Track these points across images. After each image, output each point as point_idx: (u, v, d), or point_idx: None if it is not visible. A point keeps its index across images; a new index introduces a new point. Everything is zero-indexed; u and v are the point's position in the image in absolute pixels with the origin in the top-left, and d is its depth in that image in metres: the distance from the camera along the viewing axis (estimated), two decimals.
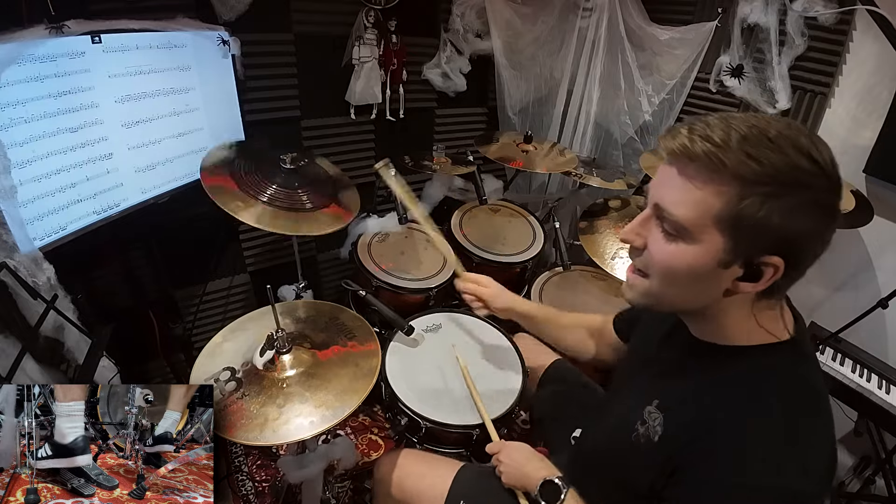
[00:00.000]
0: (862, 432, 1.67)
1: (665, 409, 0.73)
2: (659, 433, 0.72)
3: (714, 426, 0.65)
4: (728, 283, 0.64)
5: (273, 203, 1.43)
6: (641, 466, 0.74)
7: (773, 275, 0.61)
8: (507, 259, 1.95)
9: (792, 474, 0.60)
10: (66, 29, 1.18)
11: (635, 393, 0.81)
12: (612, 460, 0.85)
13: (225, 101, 1.67)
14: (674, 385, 0.76)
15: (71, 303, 1.17)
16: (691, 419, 0.69)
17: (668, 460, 0.69)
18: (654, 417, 0.74)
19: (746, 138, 0.58)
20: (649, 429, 0.74)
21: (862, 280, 1.81)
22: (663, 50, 2.16)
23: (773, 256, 0.60)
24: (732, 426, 0.64)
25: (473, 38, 2.20)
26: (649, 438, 0.73)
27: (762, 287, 0.63)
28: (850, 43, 1.72)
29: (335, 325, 1.19)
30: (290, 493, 1.59)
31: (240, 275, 2.12)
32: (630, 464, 0.77)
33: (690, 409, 0.70)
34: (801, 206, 0.58)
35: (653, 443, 0.73)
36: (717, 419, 0.66)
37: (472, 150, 2.16)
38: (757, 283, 0.63)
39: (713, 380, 0.70)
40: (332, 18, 1.89)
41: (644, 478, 0.73)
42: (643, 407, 0.76)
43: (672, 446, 0.70)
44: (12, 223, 1.10)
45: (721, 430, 0.65)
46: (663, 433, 0.72)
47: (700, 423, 0.67)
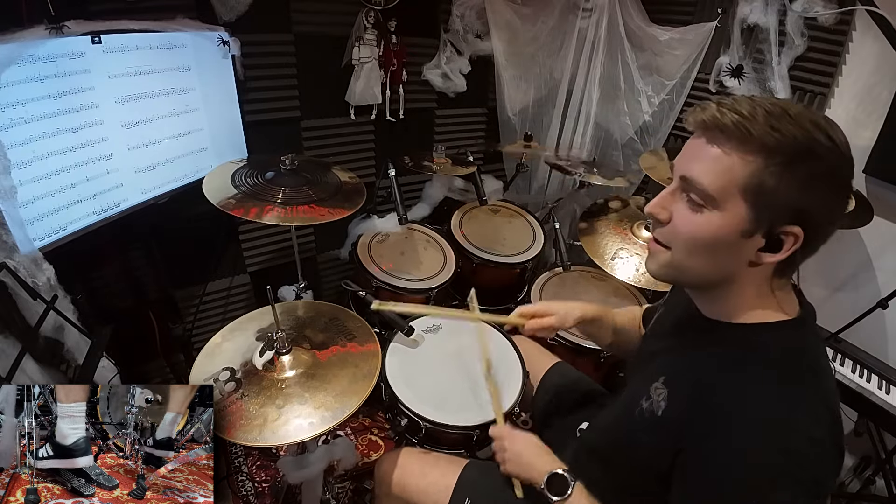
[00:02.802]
0: (862, 432, 1.67)
1: (670, 385, 0.75)
2: (662, 407, 0.74)
3: (719, 401, 0.67)
4: (751, 255, 0.67)
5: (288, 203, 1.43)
6: (644, 442, 0.75)
7: (794, 244, 0.64)
8: (506, 260, 1.95)
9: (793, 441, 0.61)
10: (66, 29, 1.18)
11: (645, 372, 0.83)
12: (617, 440, 0.86)
13: (225, 102, 1.67)
14: (680, 362, 0.77)
15: (71, 303, 1.17)
16: (696, 394, 0.70)
17: (673, 436, 0.70)
18: (658, 392, 0.76)
19: (770, 112, 0.62)
20: (653, 403, 0.76)
21: (862, 280, 1.81)
22: (663, 50, 2.16)
23: (793, 226, 0.63)
24: (735, 399, 0.65)
25: (473, 39, 2.20)
26: (653, 412, 0.75)
27: (783, 256, 0.66)
28: (850, 43, 1.72)
29: (335, 326, 1.19)
30: (289, 493, 1.59)
31: (240, 275, 2.11)
32: (633, 440, 0.79)
33: (695, 384, 0.71)
34: (817, 176, 0.62)
35: (656, 416, 0.74)
36: (721, 394, 0.67)
37: (473, 150, 2.15)
38: (778, 254, 0.66)
39: (719, 354, 0.72)
40: (332, 19, 1.89)
41: (646, 453, 0.75)
42: (651, 383, 0.78)
43: (676, 422, 0.71)
44: (12, 223, 1.10)
45: (727, 404, 0.66)
46: (666, 407, 0.73)
47: (704, 398, 0.68)
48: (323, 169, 1.67)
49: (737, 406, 0.65)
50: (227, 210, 1.35)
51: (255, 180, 1.49)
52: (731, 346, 0.72)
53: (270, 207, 1.38)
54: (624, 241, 1.76)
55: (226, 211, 1.35)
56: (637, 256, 1.70)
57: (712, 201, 0.65)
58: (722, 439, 0.64)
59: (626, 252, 1.72)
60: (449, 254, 1.95)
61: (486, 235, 2.03)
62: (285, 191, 1.45)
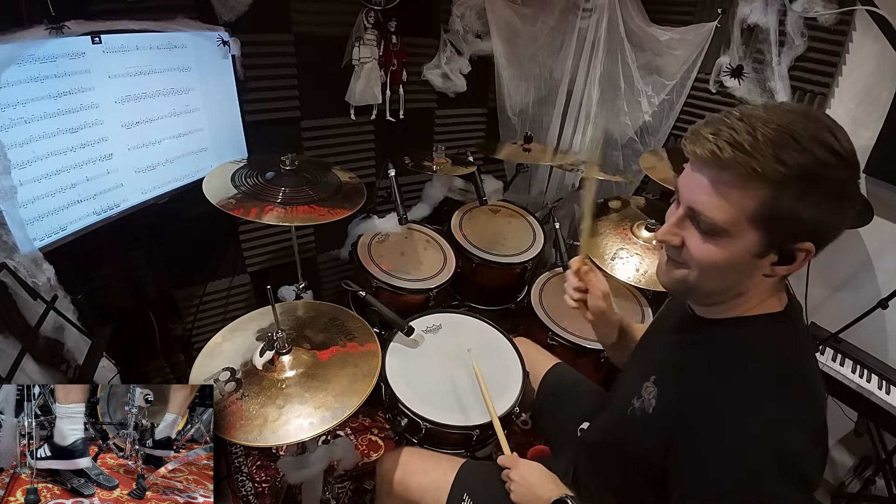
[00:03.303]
0: (862, 432, 1.67)
1: (660, 383, 0.76)
2: (653, 405, 0.76)
3: (712, 398, 0.67)
4: (766, 269, 0.68)
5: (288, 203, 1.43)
6: (638, 440, 0.77)
7: (806, 257, 0.65)
8: (507, 260, 1.95)
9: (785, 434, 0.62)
10: (66, 29, 1.18)
11: (637, 372, 0.85)
12: (613, 439, 0.87)
13: (225, 102, 1.67)
14: (670, 360, 0.79)
15: (71, 303, 1.17)
16: (687, 391, 0.71)
17: (664, 433, 0.71)
18: (649, 391, 0.77)
19: (773, 141, 0.60)
20: (644, 401, 0.77)
21: (862, 280, 1.81)
22: (663, 50, 2.16)
23: (806, 242, 0.64)
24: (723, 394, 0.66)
25: (473, 39, 2.20)
26: (644, 411, 0.77)
27: (797, 268, 0.67)
28: (850, 43, 1.72)
29: (335, 326, 1.19)
30: (289, 493, 1.59)
31: (240, 275, 2.12)
32: (628, 438, 0.81)
33: (686, 381, 0.72)
34: (828, 197, 0.61)
35: (647, 414, 0.76)
36: (714, 391, 0.68)
37: (473, 150, 2.15)
38: (792, 266, 0.66)
39: (709, 350, 0.73)
40: (332, 19, 1.89)
41: (640, 451, 0.76)
42: (642, 383, 0.79)
43: (667, 418, 0.72)
44: (12, 223, 1.10)
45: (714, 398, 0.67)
46: (657, 404, 0.75)
47: (695, 395, 0.69)
48: (323, 169, 1.67)
49: (730, 403, 0.65)
50: (228, 210, 1.35)
51: (255, 180, 1.50)
52: (721, 342, 0.73)
53: (270, 207, 1.38)
54: (624, 242, 1.76)
55: (226, 211, 1.35)
56: (637, 256, 1.70)
57: (723, 232, 0.65)
58: (718, 438, 0.65)
59: (626, 252, 1.72)
60: (449, 254, 1.95)
61: (487, 235, 2.03)
62: (285, 191, 1.46)
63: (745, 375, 0.67)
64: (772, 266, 0.67)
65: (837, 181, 0.61)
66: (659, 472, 0.72)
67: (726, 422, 0.65)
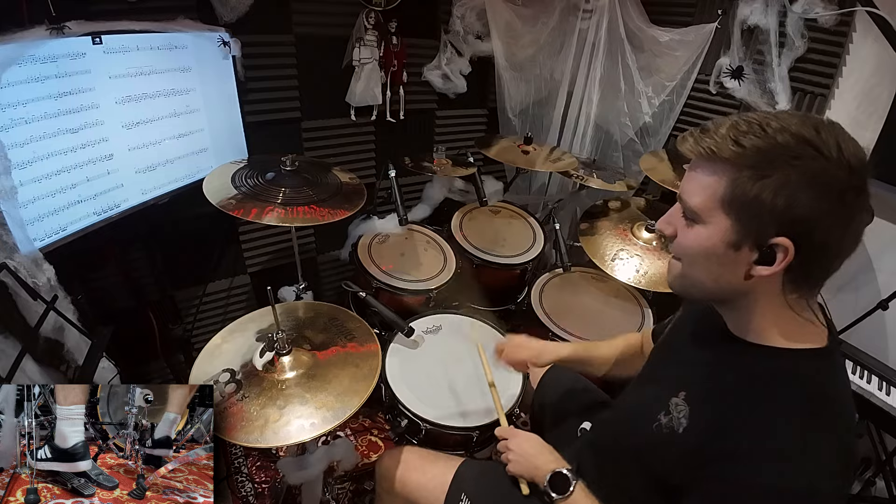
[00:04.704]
0: (862, 434, 1.66)
1: (692, 402, 0.75)
2: (684, 425, 0.74)
3: (740, 424, 0.67)
4: (746, 267, 0.67)
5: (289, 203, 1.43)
6: (662, 457, 0.75)
7: (785, 257, 0.64)
8: (507, 261, 1.95)
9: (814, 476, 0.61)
10: (66, 30, 1.18)
11: (662, 384, 0.82)
12: (629, 448, 0.86)
13: (225, 103, 1.67)
14: (704, 379, 0.77)
15: (71, 304, 1.17)
16: (720, 418, 0.70)
17: (694, 453, 0.70)
18: (679, 409, 0.76)
19: (736, 126, 0.64)
20: (673, 419, 0.75)
21: (862, 281, 1.81)
22: (663, 51, 2.16)
23: (781, 237, 0.63)
24: (758, 426, 0.65)
25: (474, 40, 2.20)
26: (672, 429, 0.75)
27: (777, 269, 0.65)
28: (850, 44, 1.72)
29: (335, 327, 1.19)
30: (289, 494, 1.59)
31: (240, 276, 2.12)
32: (650, 452, 0.79)
33: (720, 407, 0.71)
34: (791, 184, 0.61)
35: (676, 434, 0.74)
36: (744, 418, 0.67)
37: (473, 150, 2.15)
38: (772, 266, 0.65)
39: (744, 378, 0.71)
40: (332, 20, 1.90)
41: (662, 467, 0.75)
42: (669, 398, 0.77)
43: (697, 440, 0.71)
44: (12, 224, 1.10)
45: (747, 429, 0.66)
46: (688, 425, 0.73)
47: (727, 421, 0.68)
48: (323, 170, 1.67)
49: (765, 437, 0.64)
50: (228, 210, 1.35)
51: (255, 181, 1.49)
52: (758, 371, 0.70)
53: (271, 208, 1.38)
54: (624, 242, 1.76)
55: (226, 211, 1.35)
56: (637, 257, 1.70)
57: (697, 216, 0.69)
58: (750, 472, 0.63)
59: (627, 253, 1.72)
60: (449, 255, 1.95)
61: (487, 236, 2.03)
62: (285, 191, 1.45)
63: (782, 408, 0.66)
64: (752, 264, 0.67)
65: (804, 171, 0.61)
66: (676, 485, 0.72)
67: (760, 456, 0.63)
